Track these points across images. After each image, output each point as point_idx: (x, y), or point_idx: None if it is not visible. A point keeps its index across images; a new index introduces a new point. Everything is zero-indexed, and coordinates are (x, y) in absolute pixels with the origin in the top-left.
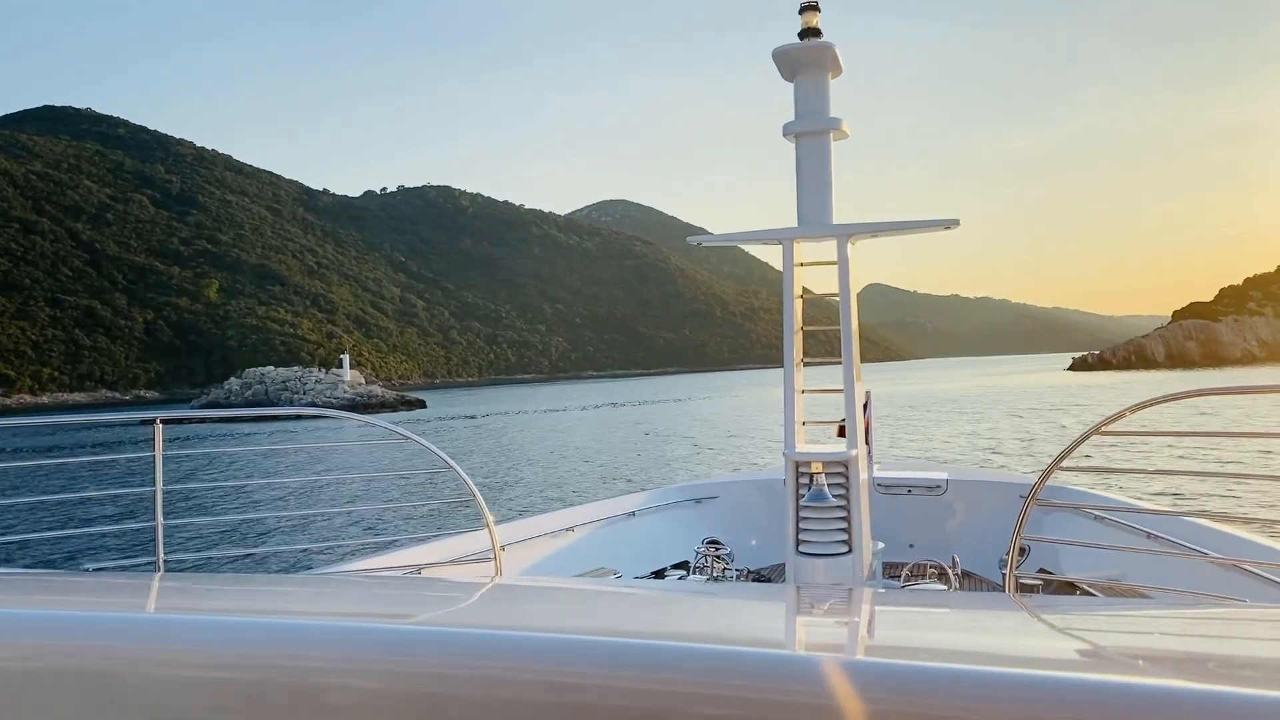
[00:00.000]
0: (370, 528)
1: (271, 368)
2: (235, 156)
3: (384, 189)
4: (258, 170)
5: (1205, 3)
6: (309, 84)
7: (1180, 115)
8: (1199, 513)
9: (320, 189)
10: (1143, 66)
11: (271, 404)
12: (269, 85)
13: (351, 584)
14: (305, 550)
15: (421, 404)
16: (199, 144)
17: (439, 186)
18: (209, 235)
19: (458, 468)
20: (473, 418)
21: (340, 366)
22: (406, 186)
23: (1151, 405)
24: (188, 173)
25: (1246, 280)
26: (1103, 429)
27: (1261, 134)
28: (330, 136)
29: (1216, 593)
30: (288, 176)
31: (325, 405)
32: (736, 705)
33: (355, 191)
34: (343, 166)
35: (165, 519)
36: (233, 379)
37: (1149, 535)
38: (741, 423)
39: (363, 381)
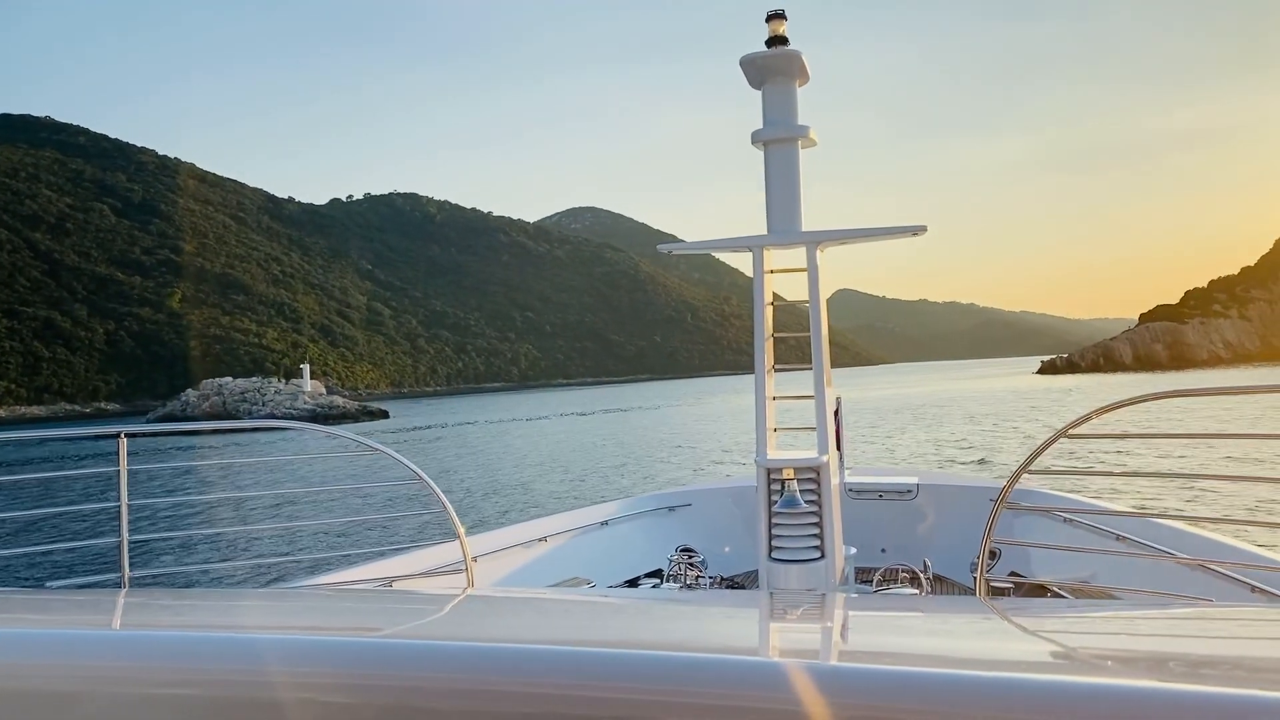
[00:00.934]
0: (339, 541)
1: (230, 379)
2: (199, 165)
3: (350, 197)
4: (222, 178)
5: (1166, 10)
6: (274, 92)
7: (1142, 120)
8: (1167, 514)
9: (286, 197)
10: (1106, 71)
11: (230, 416)
12: (234, 93)
13: (321, 598)
14: (274, 564)
15: (384, 414)
16: (161, 152)
17: (406, 194)
18: (172, 244)
19: (427, 479)
20: (434, 427)
21: (300, 376)
22: (373, 194)
23: (1118, 408)
24: (150, 181)
25: (1211, 283)
26: (1070, 432)
27: (1222, 138)
28: (296, 144)
29: (1184, 593)
30: (252, 185)
31: (285, 416)
32: (711, 713)
33: (321, 199)
34: (309, 174)
35: (130, 534)
36: (190, 390)
37: (1118, 537)
38: (713, 430)
39: (324, 391)
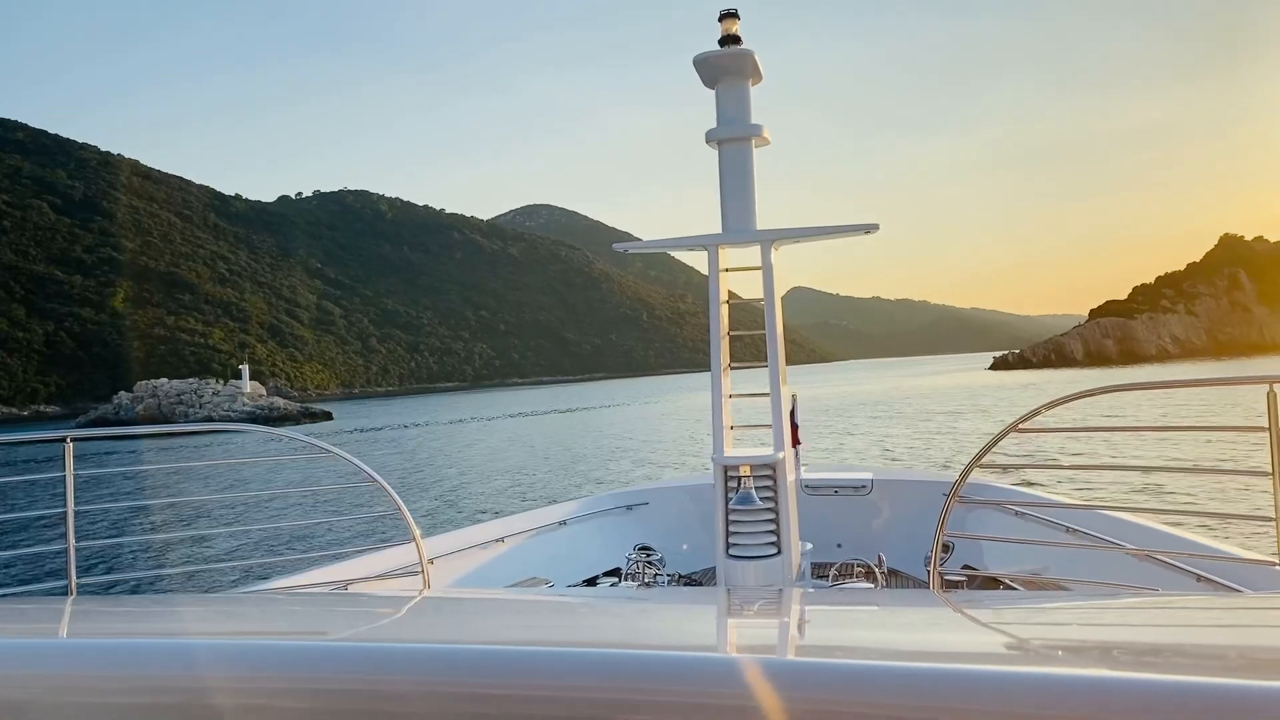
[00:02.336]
0: (293, 544)
1: (165, 380)
2: (143, 161)
3: (299, 194)
4: (166, 175)
5: (1113, 11)
6: (220, 87)
7: (1090, 118)
8: (1115, 506)
9: (232, 194)
10: (1055, 71)
11: (166, 419)
12: (179, 89)
13: (275, 602)
14: (226, 569)
15: (327, 415)
16: (103, 148)
17: (356, 191)
18: (114, 243)
19: (381, 480)
20: (379, 429)
21: (239, 378)
22: (323, 191)
23: (1065, 402)
24: (91, 178)
25: (1158, 279)
26: (1019, 427)
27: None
28: (243, 141)
29: (1133, 583)
30: (198, 182)
31: (223, 419)
32: (670, 710)
33: (269, 196)
34: (256, 171)
35: (77, 541)
36: (122, 393)
37: (1068, 529)
38: (670, 428)
39: (263, 393)
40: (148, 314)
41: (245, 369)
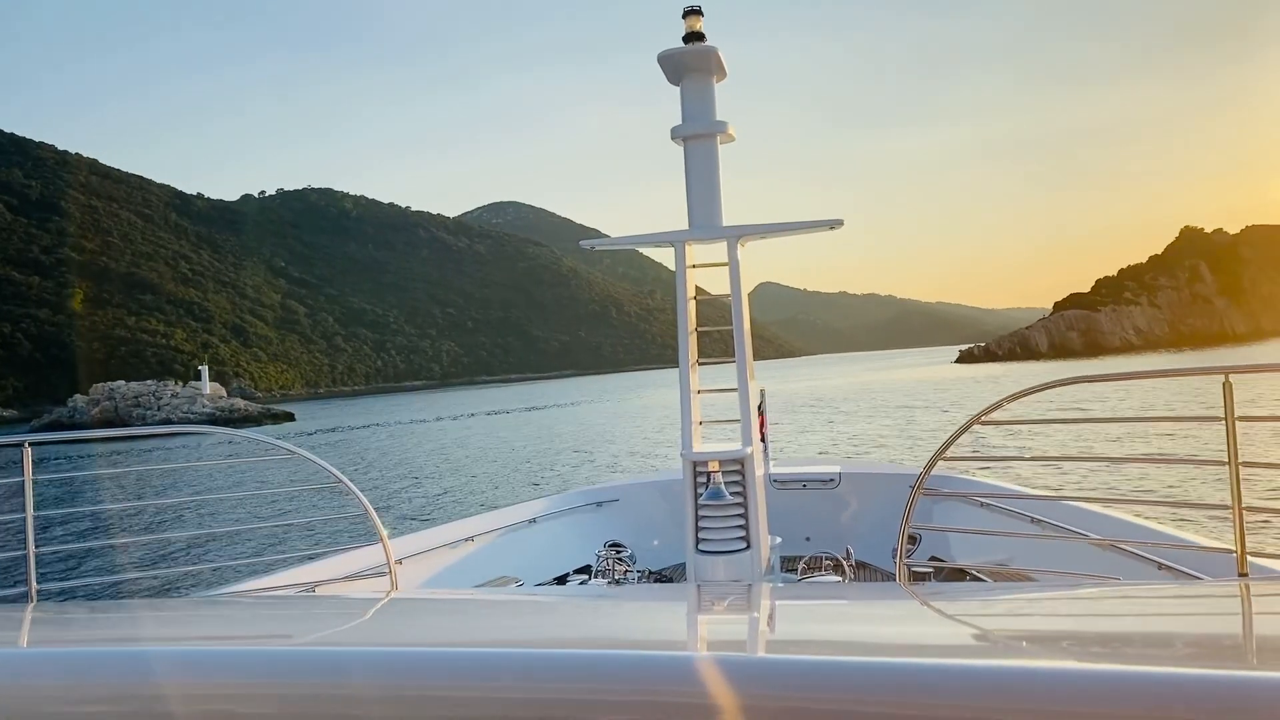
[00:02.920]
0: (258, 547)
1: (123, 382)
2: (102, 160)
3: (262, 192)
4: (126, 174)
5: (1075, 9)
6: (181, 86)
7: (1052, 115)
8: (1079, 496)
9: (194, 193)
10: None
11: (123, 421)
12: (139, 87)
13: (241, 605)
14: (191, 572)
15: (290, 417)
16: (61, 147)
17: (320, 189)
18: (73, 243)
19: (348, 482)
20: (341, 430)
21: (199, 379)
22: (286, 189)
23: (1027, 395)
24: (49, 178)
25: (1121, 271)
26: (982, 419)
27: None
28: (204, 139)
29: (1096, 572)
30: (159, 181)
31: (182, 421)
32: (640, 709)
33: (232, 195)
34: (218, 169)
35: (37, 546)
36: (78, 396)
37: (1033, 520)
38: (640, 425)
39: (224, 394)
40: (108, 315)
41: (205, 370)
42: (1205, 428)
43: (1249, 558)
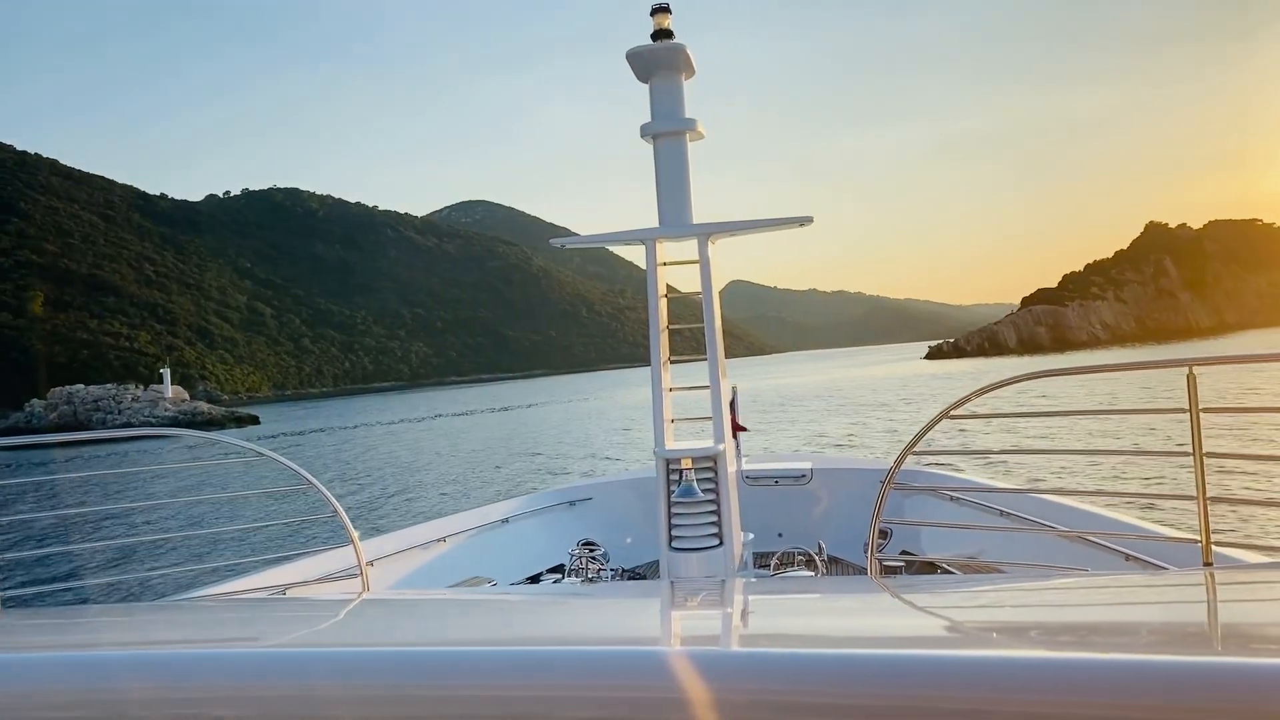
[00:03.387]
0: (227, 550)
1: (82, 386)
2: (62, 160)
3: (227, 192)
4: (88, 175)
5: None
6: (144, 85)
7: (1017, 113)
8: (1047, 489)
9: (158, 194)
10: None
11: (82, 426)
12: (100, 87)
13: (211, 609)
14: (160, 577)
15: (254, 420)
16: (20, 147)
17: (286, 189)
18: (33, 244)
19: (317, 483)
20: (307, 434)
21: (160, 382)
22: (251, 189)
23: (995, 389)
24: (8, 178)
25: (1087, 266)
26: (950, 413)
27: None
28: (167, 139)
29: (1064, 564)
30: (121, 181)
31: (144, 424)
32: (614, 705)
33: (196, 195)
34: (182, 170)
35: (1, 552)
36: (35, 400)
37: (1002, 513)
38: (612, 423)
39: (186, 397)
40: (70, 318)
41: (166, 373)
42: (1170, 420)
43: (1213, 547)
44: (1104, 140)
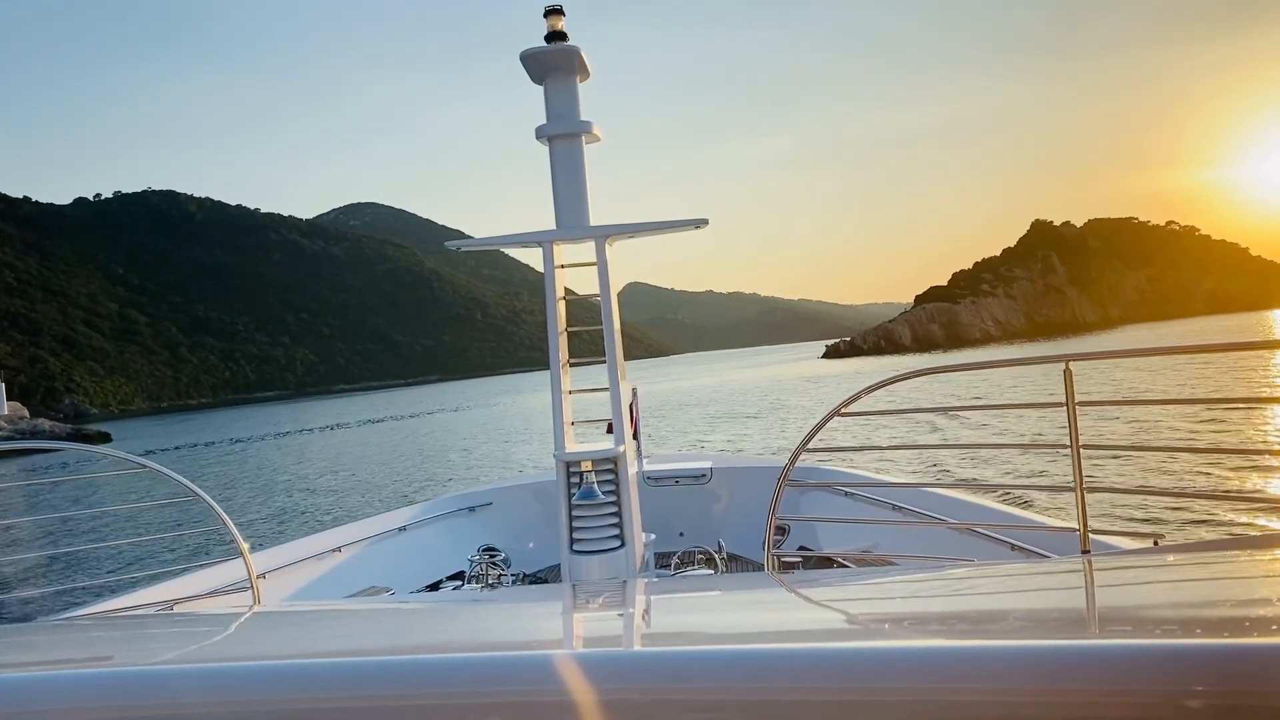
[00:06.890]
0: (111, 566)
1: None
2: None
3: (98, 195)
4: None
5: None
6: (14, 88)
7: (900, 115)
8: (936, 483)
9: (20, 196)
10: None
11: None
12: None
13: (94, 627)
14: (42, 595)
15: (105, 437)
16: None
17: (162, 191)
18: None
19: (205, 495)
20: (164, 451)
21: None
22: (124, 192)
23: (884, 386)
24: None
25: (976, 264)
26: (841, 410)
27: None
28: (31, 141)
29: (953, 555)
30: None
31: None
32: (515, 710)
33: (64, 198)
34: (48, 172)
35: None
36: None
37: (894, 507)
38: (511, 428)
39: (25, 414)
40: None
41: (0, 386)
42: (1050, 413)
43: (1090, 535)
44: (987, 140)
